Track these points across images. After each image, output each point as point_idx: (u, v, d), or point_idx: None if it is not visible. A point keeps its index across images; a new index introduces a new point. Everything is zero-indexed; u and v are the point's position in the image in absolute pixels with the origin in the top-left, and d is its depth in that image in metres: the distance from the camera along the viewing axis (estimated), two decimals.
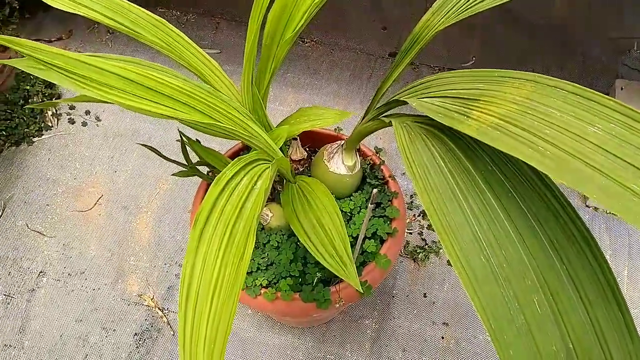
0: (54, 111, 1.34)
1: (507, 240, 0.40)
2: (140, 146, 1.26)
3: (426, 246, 1.13)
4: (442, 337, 1.03)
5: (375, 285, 0.76)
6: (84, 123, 1.33)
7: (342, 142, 0.79)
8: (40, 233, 1.16)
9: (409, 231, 1.15)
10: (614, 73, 1.39)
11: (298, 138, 0.82)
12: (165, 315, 1.06)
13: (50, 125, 1.32)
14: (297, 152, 0.85)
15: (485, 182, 0.44)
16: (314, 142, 0.90)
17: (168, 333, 1.04)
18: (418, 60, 1.45)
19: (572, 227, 0.40)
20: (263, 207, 0.61)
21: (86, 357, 1.02)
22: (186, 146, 0.76)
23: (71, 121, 1.33)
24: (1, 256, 1.13)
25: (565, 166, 0.35)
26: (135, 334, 1.04)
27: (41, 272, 1.11)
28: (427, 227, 1.15)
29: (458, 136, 0.48)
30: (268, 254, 0.77)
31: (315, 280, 0.74)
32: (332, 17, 1.53)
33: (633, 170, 0.34)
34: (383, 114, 0.65)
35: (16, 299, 1.08)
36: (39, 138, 1.30)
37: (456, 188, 0.44)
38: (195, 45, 0.70)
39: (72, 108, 1.35)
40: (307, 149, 0.89)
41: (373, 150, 0.88)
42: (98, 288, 1.09)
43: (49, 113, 1.34)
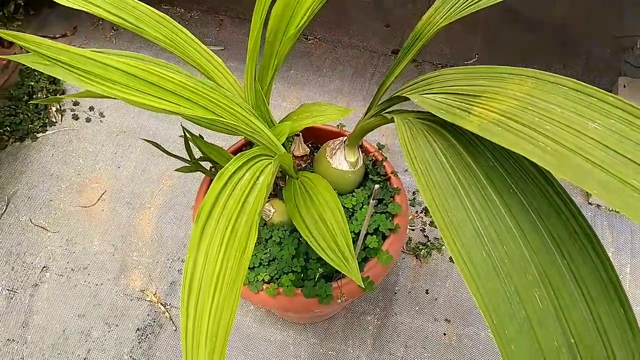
0: (58, 107, 1.35)
1: (509, 235, 0.40)
2: (143, 142, 1.27)
3: (428, 243, 1.13)
4: (444, 334, 1.03)
5: (377, 281, 0.76)
6: (88, 119, 1.33)
7: (345, 139, 0.79)
8: (43, 228, 1.17)
9: (412, 228, 1.15)
10: (617, 71, 1.39)
11: (301, 134, 0.83)
12: (167, 310, 1.07)
13: (54, 121, 1.33)
14: (300, 148, 0.85)
15: (486, 178, 0.44)
16: (317, 138, 0.90)
17: (170, 328, 1.05)
18: (420, 57, 1.46)
19: (574, 223, 0.40)
20: (265, 203, 0.61)
21: (89, 352, 1.02)
22: (189, 142, 0.76)
23: (75, 117, 1.33)
24: (5, 251, 1.14)
25: (565, 162, 0.35)
26: (137, 329, 1.05)
27: (44, 267, 1.12)
28: (430, 224, 1.15)
29: (460, 132, 0.48)
30: (270, 250, 0.77)
31: (317, 275, 0.74)
32: (335, 15, 1.53)
33: (633, 166, 0.34)
34: (385, 111, 0.65)
35: (19, 294, 1.09)
36: (43, 134, 1.31)
37: (458, 184, 0.44)
38: (198, 41, 0.71)
39: (76, 104, 1.35)
40: (310, 145, 0.89)
41: (375, 146, 0.89)
42: (101, 283, 1.10)
43: (53, 109, 1.35)
